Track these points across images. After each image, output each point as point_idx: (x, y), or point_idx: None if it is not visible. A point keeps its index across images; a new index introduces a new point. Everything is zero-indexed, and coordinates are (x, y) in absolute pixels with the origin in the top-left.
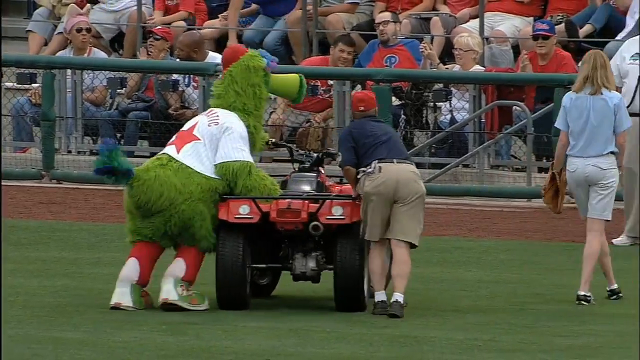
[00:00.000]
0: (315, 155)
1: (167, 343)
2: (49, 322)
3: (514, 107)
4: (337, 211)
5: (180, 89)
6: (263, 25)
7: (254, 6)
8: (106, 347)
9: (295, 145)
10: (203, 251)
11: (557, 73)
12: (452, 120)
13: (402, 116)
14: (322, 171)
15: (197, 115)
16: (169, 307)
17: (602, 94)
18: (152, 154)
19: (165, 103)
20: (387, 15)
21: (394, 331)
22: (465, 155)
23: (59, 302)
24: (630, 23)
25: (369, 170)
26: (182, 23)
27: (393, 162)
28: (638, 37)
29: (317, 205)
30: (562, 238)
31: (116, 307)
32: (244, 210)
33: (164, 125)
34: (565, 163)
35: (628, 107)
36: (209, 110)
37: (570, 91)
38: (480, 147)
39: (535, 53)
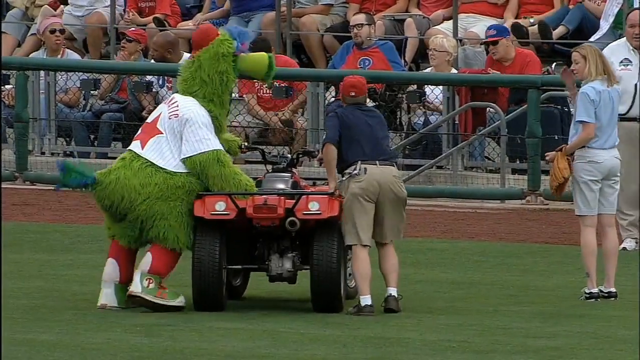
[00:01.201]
0: (289, 156)
1: (141, 344)
2: (22, 324)
3: (488, 108)
4: (314, 206)
5: (154, 90)
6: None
7: (225, 6)
8: (80, 349)
9: (266, 147)
10: (173, 249)
11: (526, 74)
12: (426, 122)
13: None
14: (296, 172)
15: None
16: (136, 301)
17: (614, 85)
18: None
19: (139, 104)
20: (361, 18)
21: (368, 332)
22: (439, 157)
23: (33, 304)
24: (604, 26)
25: (355, 172)
26: (152, 25)
27: (376, 164)
28: (619, 42)
29: (294, 201)
30: (535, 239)
31: (102, 308)
32: (220, 207)
33: (138, 126)
34: (576, 154)
35: (627, 113)
36: (170, 98)
37: (589, 84)
38: (454, 148)
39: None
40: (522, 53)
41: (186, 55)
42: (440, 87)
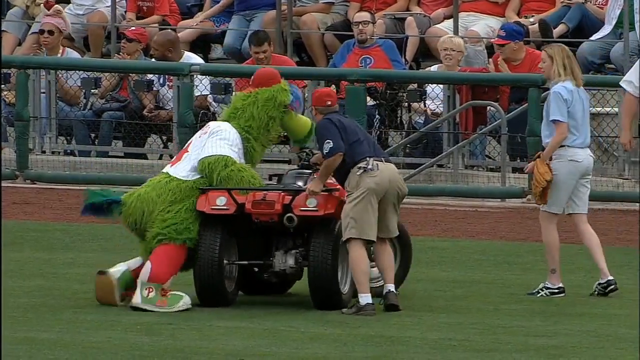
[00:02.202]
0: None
1: (141, 343)
2: (23, 323)
3: (488, 107)
4: (311, 203)
5: (155, 88)
6: (238, 26)
7: (218, 5)
8: (80, 348)
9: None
10: (181, 244)
11: (531, 73)
12: (427, 121)
13: (377, 116)
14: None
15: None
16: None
17: (580, 85)
18: (126, 154)
19: (139, 103)
20: (366, 16)
21: (369, 331)
22: (440, 156)
23: (33, 303)
24: (607, 28)
25: (369, 167)
26: (155, 24)
27: (382, 161)
28: None
29: (291, 197)
30: (536, 238)
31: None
32: (220, 202)
33: (139, 125)
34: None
35: None
36: (207, 125)
37: (561, 83)
38: (455, 147)
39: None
40: (532, 54)
41: (187, 55)
42: (441, 85)
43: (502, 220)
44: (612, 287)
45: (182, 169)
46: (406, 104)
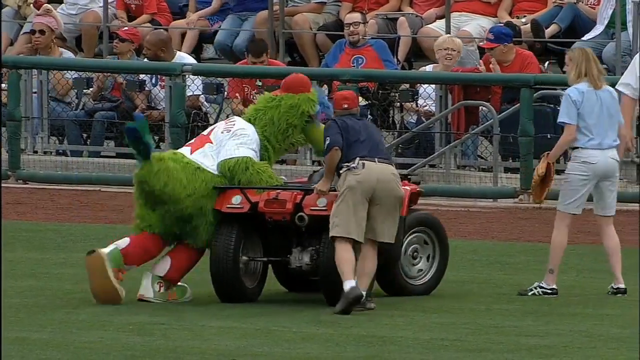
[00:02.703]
0: None
1: (134, 343)
2: (15, 323)
3: (481, 107)
4: (322, 202)
5: (147, 88)
6: (232, 26)
7: (215, 4)
8: (72, 348)
9: None
10: (199, 248)
11: (522, 73)
12: (419, 121)
13: (369, 116)
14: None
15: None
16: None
17: (605, 86)
18: (119, 154)
19: (131, 103)
20: (357, 17)
21: (361, 331)
22: (432, 156)
23: (25, 303)
24: (599, 28)
25: (352, 165)
26: (148, 24)
27: (375, 161)
28: None
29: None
30: (528, 238)
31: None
32: (236, 200)
33: None
34: (566, 155)
35: None
36: (231, 118)
37: (574, 85)
38: (447, 147)
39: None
40: (522, 54)
41: (179, 55)
42: (433, 85)
43: (494, 220)
44: (620, 295)
45: (208, 161)
46: (398, 104)
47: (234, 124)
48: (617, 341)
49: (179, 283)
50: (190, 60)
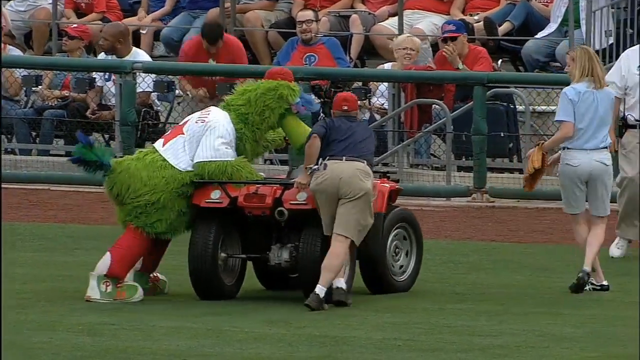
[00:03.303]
0: None
1: (83, 344)
2: None
3: (434, 105)
4: (302, 197)
5: (99, 84)
6: (183, 23)
7: (167, 6)
8: (22, 349)
9: None
10: (146, 236)
11: (475, 71)
12: (372, 119)
13: (322, 115)
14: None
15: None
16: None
17: (605, 87)
18: (68, 153)
19: (82, 101)
20: (310, 14)
21: (313, 331)
22: (385, 154)
23: None
24: (553, 26)
25: (315, 167)
26: (99, 22)
27: (341, 160)
28: (635, 47)
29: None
30: (481, 237)
31: (88, 300)
32: (215, 195)
33: (81, 123)
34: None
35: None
36: (207, 108)
37: (571, 85)
38: (400, 145)
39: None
40: (474, 50)
41: (136, 51)
42: (386, 83)
43: (447, 219)
44: (586, 286)
45: (177, 156)
46: None
47: (208, 114)
48: (570, 341)
49: (129, 282)
50: (146, 57)
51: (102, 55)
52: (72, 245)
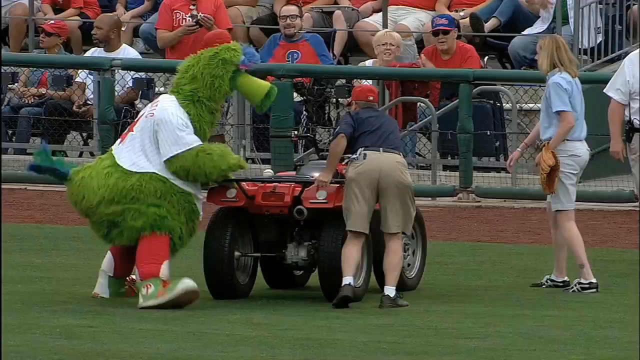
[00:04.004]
0: None
1: (61, 347)
2: None
3: (419, 103)
4: (321, 195)
5: (80, 80)
6: None
7: (147, 3)
8: None
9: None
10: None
11: (462, 68)
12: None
13: (304, 112)
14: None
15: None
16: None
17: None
18: None
19: (59, 98)
20: (292, 10)
21: (296, 334)
22: None
23: None
24: (542, 26)
25: (354, 156)
26: (77, 17)
27: (379, 151)
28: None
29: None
30: (467, 238)
31: (95, 297)
32: (230, 194)
33: (57, 121)
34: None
35: None
36: (156, 99)
37: (558, 74)
38: None
39: (437, 48)
40: (463, 47)
41: (126, 48)
42: (370, 81)
43: (433, 219)
44: (563, 286)
45: (127, 156)
46: (334, 99)
47: (157, 105)
48: (558, 343)
49: (173, 280)
50: (135, 53)
51: (92, 51)
52: (49, 246)
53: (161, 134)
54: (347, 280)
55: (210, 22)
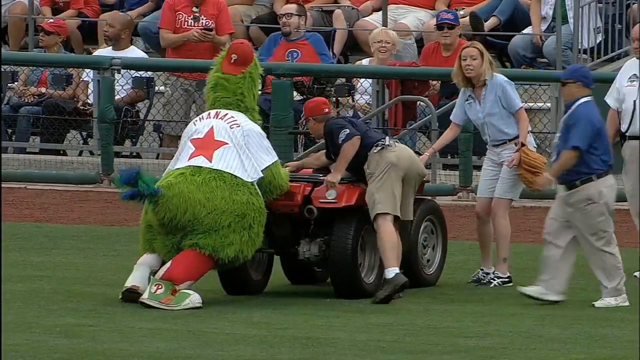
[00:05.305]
0: None
1: (61, 346)
2: None
3: (418, 102)
4: (331, 195)
5: (88, 79)
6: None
7: (150, 2)
8: None
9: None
10: (209, 256)
11: None
12: (355, 116)
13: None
14: None
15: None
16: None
17: None
18: (45, 151)
19: (58, 98)
20: (292, 8)
21: (296, 333)
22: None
23: None
24: (542, 26)
25: (387, 143)
26: (77, 17)
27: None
28: (633, 60)
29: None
30: (467, 236)
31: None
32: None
33: (57, 120)
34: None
35: (627, 130)
36: (216, 112)
37: (501, 75)
38: None
39: (439, 44)
40: (463, 44)
41: (134, 49)
42: (370, 80)
43: None
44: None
45: (228, 165)
46: (334, 98)
47: (234, 118)
48: (557, 342)
49: (184, 290)
50: (142, 54)
51: (101, 50)
52: (49, 244)
53: (254, 143)
54: (396, 269)
55: (210, 36)
